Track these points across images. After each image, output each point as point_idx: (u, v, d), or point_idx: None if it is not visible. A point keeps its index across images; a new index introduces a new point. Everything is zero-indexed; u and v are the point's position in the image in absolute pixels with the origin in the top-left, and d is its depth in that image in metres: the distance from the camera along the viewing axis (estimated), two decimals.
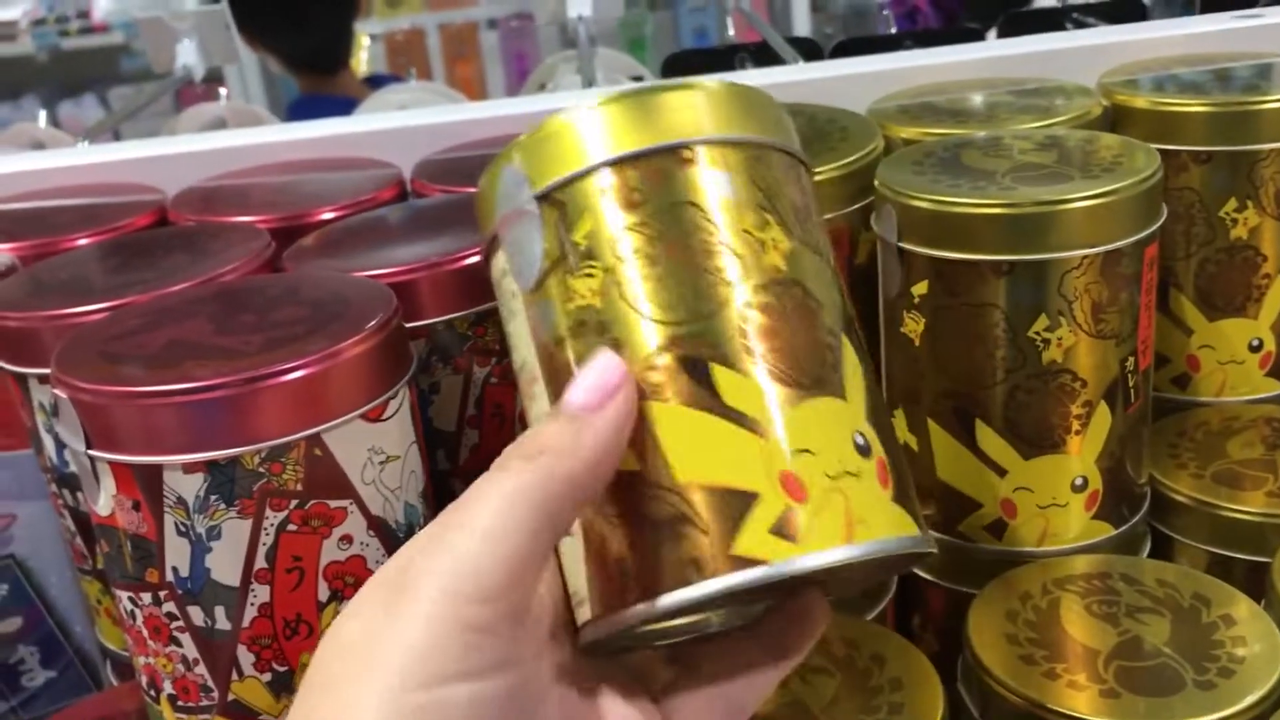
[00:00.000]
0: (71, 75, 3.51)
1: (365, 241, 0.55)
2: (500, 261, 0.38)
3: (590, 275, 0.35)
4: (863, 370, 0.36)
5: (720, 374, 0.33)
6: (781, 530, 0.32)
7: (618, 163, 0.35)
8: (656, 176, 0.35)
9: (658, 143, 0.35)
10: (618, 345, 0.34)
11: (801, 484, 0.33)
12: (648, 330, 0.34)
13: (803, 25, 3.34)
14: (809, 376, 0.34)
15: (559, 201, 0.36)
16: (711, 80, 0.37)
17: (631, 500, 0.34)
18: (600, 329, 0.34)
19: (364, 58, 3.24)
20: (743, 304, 0.34)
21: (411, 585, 0.30)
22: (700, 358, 0.34)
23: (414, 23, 3.49)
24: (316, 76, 1.81)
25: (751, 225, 0.35)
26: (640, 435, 0.34)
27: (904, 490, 0.35)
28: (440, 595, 0.30)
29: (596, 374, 0.33)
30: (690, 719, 0.37)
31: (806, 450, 0.33)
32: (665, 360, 0.34)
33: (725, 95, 0.37)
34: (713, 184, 0.35)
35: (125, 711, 0.55)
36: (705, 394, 0.33)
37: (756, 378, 0.34)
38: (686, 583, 0.33)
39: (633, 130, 0.35)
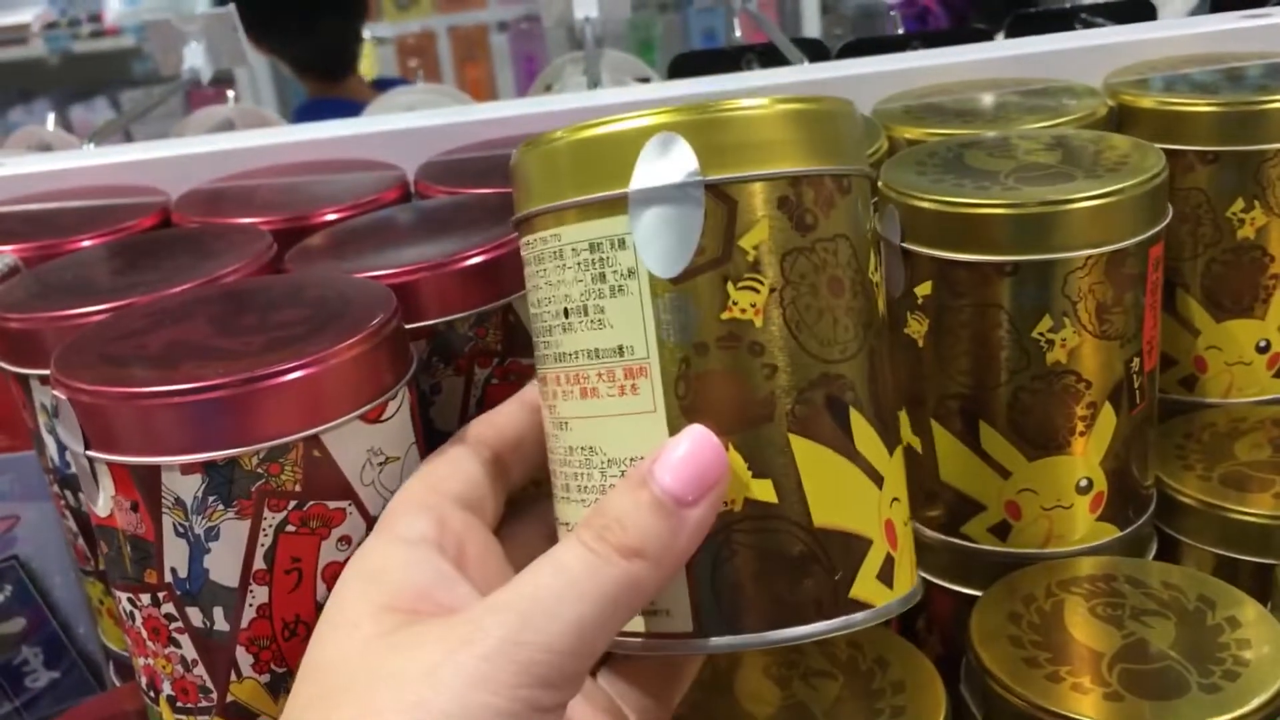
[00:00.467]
0: (83, 78, 3.52)
1: (368, 242, 0.55)
2: (614, 228, 0.35)
3: (754, 289, 0.33)
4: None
5: (855, 418, 0.34)
6: (884, 576, 0.34)
7: (800, 178, 0.34)
8: (827, 201, 0.34)
9: (833, 166, 0.35)
10: (772, 371, 0.33)
11: (895, 531, 0.35)
12: (804, 362, 0.34)
13: (812, 26, 3.34)
14: (895, 424, 0.36)
15: (730, 199, 0.34)
16: (844, 101, 0.36)
17: (761, 532, 0.34)
18: (754, 349, 0.33)
19: (374, 59, 3.25)
20: (870, 348, 0.35)
21: (482, 641, 0.29)
22: (844, 400, 0.34)
23: (424, 25, 3.50)
24: (324, 81, 1.81)
25: (873, 266, 0.36)
26: (780, 468, 0.33)
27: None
28: (514, 668, 0.29)
29: (695, 460, 0.31)
30: (632, 698, 0.38)
31: (897, 499, 0.35)
32: (817, 397, 0.34)
33: (856, 119, 0.37)
34: (859, 218, 0.35)
35: (127, 712, 0.55)
36: (843, 437, 0.34)
37: (875, 425, 0.35)
38: (805, 620, 0.34)
39: (814, 144, 0.34)
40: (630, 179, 0.34)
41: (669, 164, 0.34)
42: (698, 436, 0.31)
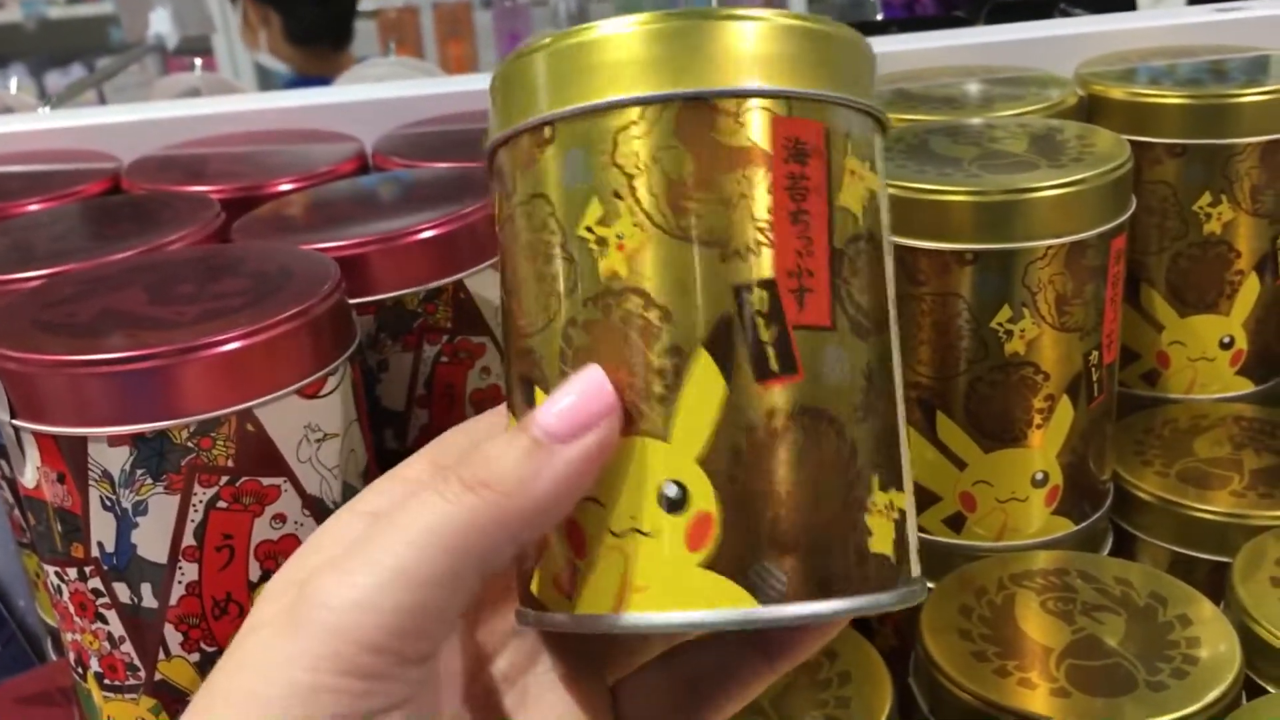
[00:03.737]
0: (59, 44, 3.48)
1: (318, 215, 0.54)
2: None
3: (496, 269, 0.34)
4: (728, 393, 0.29)
5: (540, 399, 0.30)
6: (557, 583, 0.30)
7: (504, 141, 0.31)
8: (521, 161, 0.31)
9: (519, 123, 0.30)
10: (501, 354, 0.32)
11: (583, 538, 0.30)
12: (510, 340, 0.32)
13: (800, 9, 3.32)
14: (625, 411, 0.29)
15: (490, 176, 0.34)
16: (600, 26, 0.30)
17: None
18: (506, 329, 0.33)
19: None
20: (567, 320, 0.30)
21: (306, 612, 0.27)
22: (530, 379, 0.31)
23: (407, 1, 3.47)
24: (323, 53, 1.78)
25: (596, 220, 0.29)
26: None
27: (749, 549, 0.29)
28: (330, 636, 0.27)
29: (576, 395, 0.29)
30: (646, 713, 0.35)
31: (594, 500, 0.29)
32: (514, 378, 0.31)
33: (601, 44, 0.30)
34: (563, 169, 0.30)
35: (62, 687, 0.54)
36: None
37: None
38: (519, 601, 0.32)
39: (508, 102, 0.31)
40: None
41: None
42: (583, 374, 0.29)
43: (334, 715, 0.27)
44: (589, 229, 0.29)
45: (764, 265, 0.29)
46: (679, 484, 0.29)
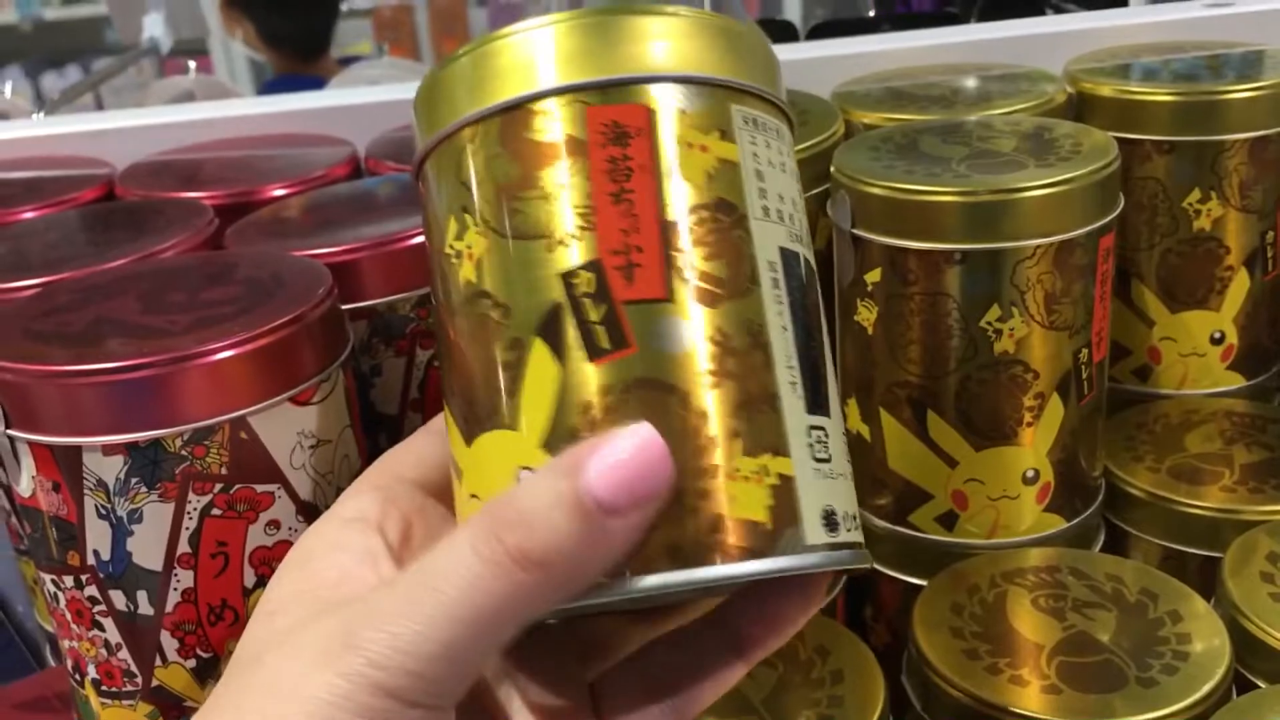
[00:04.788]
0: (55, 46, 3.48)
1: (311, 220, 0.54)
2: None
3: None
4: (562, 376, 0.29)
5: (446, 415, 0.33)
6: None
7: (423, 157, 0.34)
8: (418, 194, 0.34)
9: (416, 155, 0.33)
10: None
11: None
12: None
13: (793, 6, 3.32)
14: (483, 408, 0.30)
15: None
16: (451, 59, 0.32)
17: None
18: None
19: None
20: (443, 333, 0.32)
21: (350, 660, 0.27)
22: (448, 386, 0.33)
23: None
24: (297, 57, 1.78)
25: (453, 237, 0.31)
26: None
27: None
28: (373, 688, 0.27)
29: (634, 464, 0.27)
30: (625, 708, 0.35)
31: (475, 495, 0.31)
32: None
33: (446, 76, 0.32)
34: (433, 195, 0.32)
35: (60, 693, 0.55)
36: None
37: (451, 414, 0.32)
38: None
39: (424, 126, 0.33)
40: None
41: None
42: (639, 432, 0.27)
43: None
44: (451, 246, 0.31)
45: (587, 248, 0.30)
46: (529, 470, 0.29)
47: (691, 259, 0.30)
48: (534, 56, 0.31)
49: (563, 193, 0.30)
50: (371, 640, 0.27)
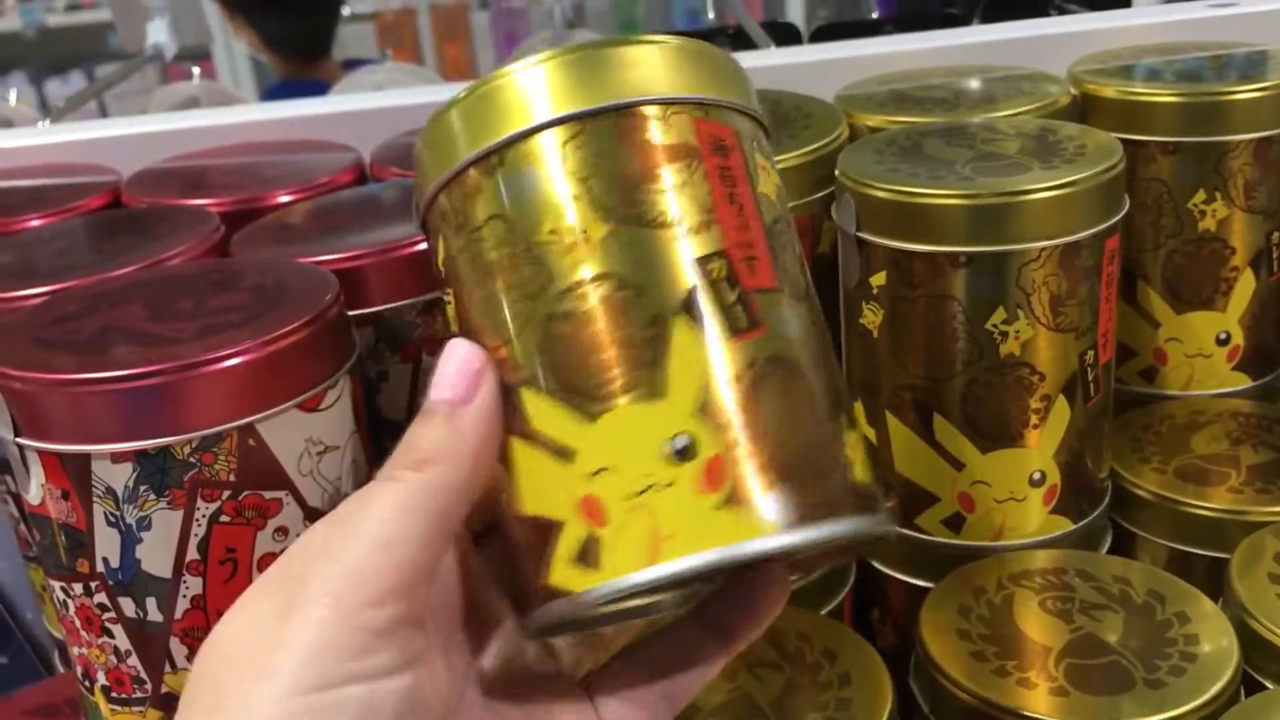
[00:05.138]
0: (59, 52, 3.49)
1: (317, 226, 0.55)
2: None
3: (448, 302, 0.35)
4: (708, 349, 0.32)
5: (527, 398, 0.33)
6: (583, 559, 0.32)
7: (444, 186, 0.34)
8: (471, 193, 0.34)
9: (463, 159, 0.34)
10: None
11: (601, 507, 0.31)
12: None
13: (796, 6, 3.32)
14: (615, 383, 0.32)
15: (427, 229, 0.36)
16: (524, 63, 0.34)
17: (498, 517, 0.35)
18: None
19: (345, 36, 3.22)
20: (544, 316, 0.33)
21: (302, 591, 0.30)
22: (513, 383, 0.33)
23: (405, 2, 3.47)
24: (299, 61, 1.78)
25: (558, 223, 0.33)
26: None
27: (760, 480, 0.31)
28: (333, 600, 0.29)
29: (457, 363, 0.33)
30: (623, 703, 0.37)
31: (605, 469, 0.31)
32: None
33: (536, 75, 0.34)
34: (515, 188, 0.33)
35: (70, 699, 0.55)
36: (519, 420, 0.33)
37: (555, 397, 0.32)
38: (522, 611, 0.34)
39: (447, 148, 0.34)
40: None
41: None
42: (451, 347, 0.33)
43: (344, 675, 0.29)
44: (552, 231, 0.33)
45: (714, 239, 0.33)
46: (686, 435, 0.31)
47: (783, 260, 0.34)
48: (643, 68, 0.34)
49: (687, 189, 0.33)
50: (315, 572, 0.30)
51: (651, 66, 0.34)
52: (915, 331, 0.54)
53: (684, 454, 0.31)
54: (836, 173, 0.55)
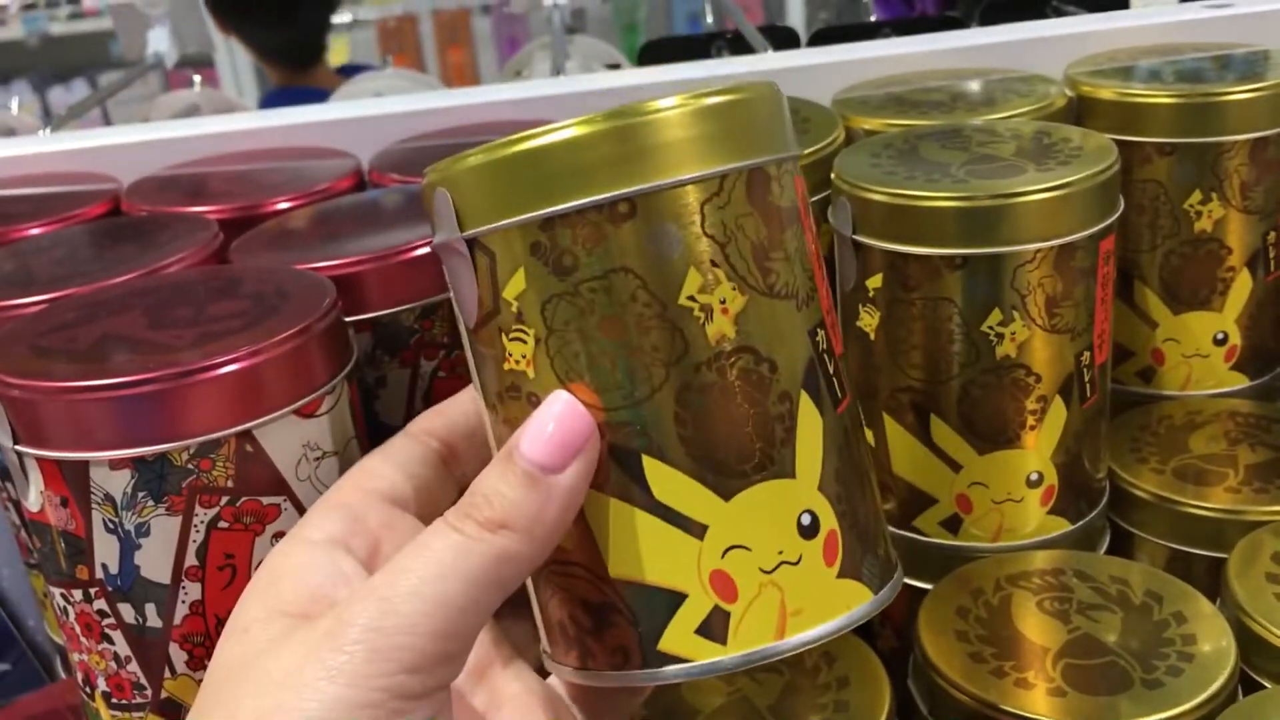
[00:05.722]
0: (62, 60, 3.50)
1: (315, 233, 0.55)
2: (447, 278, 0.35)
3: (522, 340, 0.32)
4: (824, 423, 0.32)
5: (652, 466, 0.31)
6: (708, 631, 0.32)
7: (549, 220, 0.31)
8: (591, 236, 0.31)
9: (590, 197, 0.31)
10: None
11: (732, 583, 0.32)
12: None
13: (796, 10, 3.33)
14: (751, 461, 0.31)
15: (489, 250, 0.33)
16: (666, 104, 0.31)
17: (568, 578, 0.34)
18: (532, 400, 0.32)
19: (345, 45, 3.23)
20: (680, 386, 0.31)
21: (343, 634, 0.29)
22: (633, 448, 0.32)
23: (407, 8, 3.48)
24: (293, 69, 1.78)
25: (697, 289, 0.31)
26: (574, 519, 0.32)
27: (858, 550, 0.33)
28: (374, 655, 0.28)
29: (559, 424, 0.31)
30: (588, 691, 0.37)
31: (740, 546, 0.32)
32: (600, 445, 0.32)
33: (677, 120, 0.31)
34: (652, 243, 0.31)
35: (72, 705, 0.55)
36: (636, 487, 0.32)
37: (689, 471, 0.31)
38: (616, 667, 0.33)
39: (567, 178, 0.31)
40: (434, 236, 0.35)
41: (443, 220, 0.33)
42: (561, 403, 0.31)
43: None
44: (691, 298, 0.31)
45: (818, 308, 0.33)
46: (811, 512, 0.32)
47: (838, 319, 0.35)
48: (769, 119, 0.33)
49: (798, 256, 0.33)
50: (364, 610, 0.29)
51: (765, 119, 0.32)
52: (912, 334, 0.54)
53: (810, 531, 0.32)
54: (833, 176, 0.56)
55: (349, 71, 1.85)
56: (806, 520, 0.32)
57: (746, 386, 0.31)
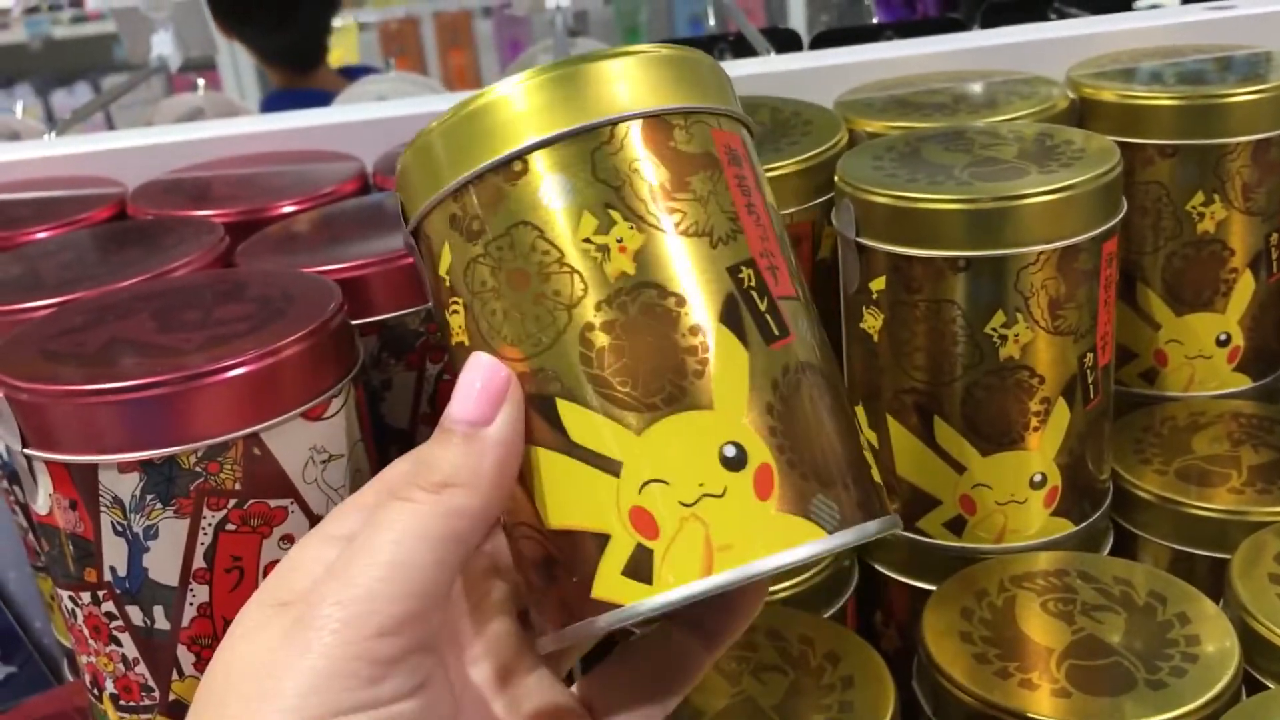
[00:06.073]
0: (65, 64, 3.50)
1: (320, 236, 0.55)
2: None
3: (456, 312, 0.34)
4: (750, 357, 0.32)
5: (566, 410, 0.32)
6: (634, 571, 0.32)
7: (455, 191, 0.33)
8: (491, 198, 0.33)
9: (484, 162, 0.33)
10: None
11: (652, 519, 0.31)
12: None
13: (798, 12, 3.33)
14: (661, 394, 0.32)
15: (425, 236, 0.35)
16: (550, 66, 0.33)
17: (522, 540, 0.34)
18: None
19: (354, 46, 3.23)
20: (582, 327, 0.32)
21: (312, 613, 0.30)
22: (548, 394, 0.32)
23: (409, 11, 3.48)
24: (294, 71, 1.78)
25: (593, 231, 0.32)
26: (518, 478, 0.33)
27: (803, 486, 0.32)
28: (342, 627, 0.29)
29: (479, 380, 0.32)
30: (616, 708, 0.37)
31: (657, 480, 0.31)
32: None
33: (561, 79, 0.33)
34: (546, 194, 0.32)
35: (79, 708, 0.55)
36: (556, 433, 0.32)
37: (599, 409, 0.32)
38: (560, 624, 0.33)
39: (462, 150, 0.33)
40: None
41: (401, 223, 0.36)
42: (474, 362, 0.32)
43: (352, 704, 0.29)
44: (587, 239, 0.32)
45: (743, 248, 0.33)
46: (735, 444, 0.31)
47: (792, 268, 0.35)
48: (670, 75, 0.34)
49: (713, 198, 0.33)
50: (329, 588, 0.30)
51: (668, 76, 0.34)
52: (915, 335, 0.54)
53: (734, 463, 0.31)
54: (836, 178, 0.56)
55: (352, 73, 1.85)
56: (731, 452, 0.31)
57: (650, 320, 0.32)
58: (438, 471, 0.31)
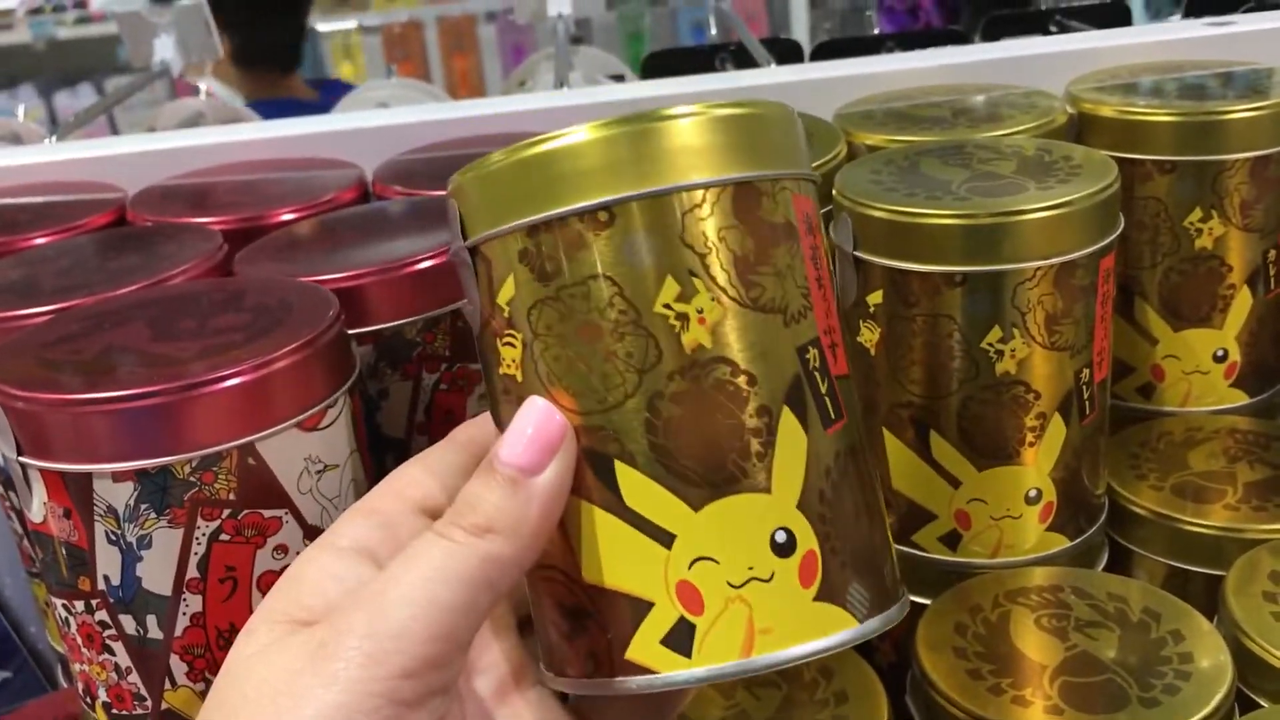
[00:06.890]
0: (68, 65, 3.51)
1: (318, 245, 0.55)
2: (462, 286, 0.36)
3: (511, 345, 0.33)
4: (809, 442, 0.32)
5: (623, 473, 0.32)
6: (673, 643, 0.32)
7: (534, 227, 0.32)
8: (571, 244, 0.32)
9: (570, 205, 0.31)
10: None
11: (699, 595, 0.32)
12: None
13: (800, 22, 3.33)
14: (723, 473, 0.32)
15: (486, 258, 0.34)
16: (643, 116, 0.32)
17: (550, 582, 0.34)
18: (519, 404, 0.33)
19: (359, 51, 3.24)
20: (652, 394, 0.31)
21: (339, 642, 0.29)
22: (605, 453, 0.32)
23: (412, 15, 3.48)
24: (268, 78, 1.75)
25: (674, 298, 0.31)
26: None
27: (843, 575, 0.32)
28: (368, 661, 0.29)
29: (534, 427, 0.31)
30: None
31: (707, 558, 0.32)
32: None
33: (657, 131, 0.32)
34: (630, 250, 0.31)
35: (73, 714, 0.55)
36: (608, 493, 0.32)
37: (659, 478, 0.32)
38: (587, 674, 0.33)
39: (545, 185, 0.32)
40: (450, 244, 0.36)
41: (453, 229, 0.35)
42: (532, 408, 0.32)
43: None
44: (667, 305, 0.32)
45: (811, 326, 0.33)
46: (786, 530, 0.32)
47: (846, 342, 0.35)
48: (764, 137, 0.33)
49: (789, 272, 0.32)
50: (356, 618, 0.29)
51: (761, 138, 0.33)
52: (912, 350, 0.54)
53: (784, 549, 0.32)
54: (834, 192, 0.56)
55: (321, 86, 1.83)
56: (781, 538, 0.32)
57: (721, 397, 0.31)
58: (480, 514, 0.31)
